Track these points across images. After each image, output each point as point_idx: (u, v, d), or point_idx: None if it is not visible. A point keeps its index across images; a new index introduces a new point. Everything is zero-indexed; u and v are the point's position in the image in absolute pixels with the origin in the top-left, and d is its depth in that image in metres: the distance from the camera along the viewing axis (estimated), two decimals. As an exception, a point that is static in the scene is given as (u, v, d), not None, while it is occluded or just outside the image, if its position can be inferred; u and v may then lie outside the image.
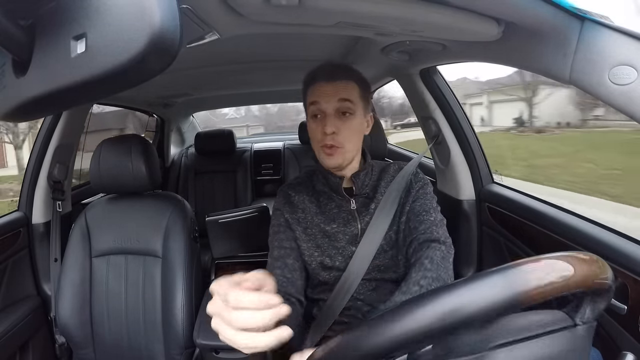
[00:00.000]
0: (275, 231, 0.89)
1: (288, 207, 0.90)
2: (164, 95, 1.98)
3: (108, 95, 0.33)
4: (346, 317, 0.86)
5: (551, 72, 0.64)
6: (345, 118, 0.81)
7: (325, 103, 0.81)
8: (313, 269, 0.87)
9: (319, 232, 0.87)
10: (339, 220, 0.87)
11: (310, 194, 0.90)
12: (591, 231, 0.86)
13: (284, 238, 0.88)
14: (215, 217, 1.42)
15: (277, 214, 0.91)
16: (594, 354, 0.71)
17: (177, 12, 0.26)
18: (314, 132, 0.84)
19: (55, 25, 0.29)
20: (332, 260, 0.85)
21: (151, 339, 1.10)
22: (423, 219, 0.84)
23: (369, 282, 0.86)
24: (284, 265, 0.85)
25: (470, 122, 1.29)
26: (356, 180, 0.87)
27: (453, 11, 0.62)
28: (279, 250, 0.87)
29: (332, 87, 0.81)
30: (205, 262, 1.65)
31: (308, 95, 0.85)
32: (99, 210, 1.18)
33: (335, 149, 0.81)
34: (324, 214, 0.87)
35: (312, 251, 0.86)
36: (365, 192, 0.89)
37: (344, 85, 0.82)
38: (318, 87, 0.83)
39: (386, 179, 0.90)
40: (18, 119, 0.39)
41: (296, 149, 2.45)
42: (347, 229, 0.86)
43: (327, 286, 0.87)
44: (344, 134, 0.81)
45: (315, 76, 0.84)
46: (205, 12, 0.60)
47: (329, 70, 0.83)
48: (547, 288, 0.37)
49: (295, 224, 0.88)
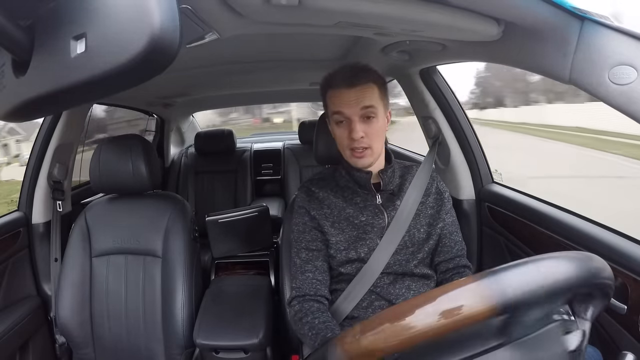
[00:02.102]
0: (301, 230, 0.91)
1: (313, 203, 0.91)
2: (164, 95, 1.98)
3: (108, 95, 0.33)
4: (357, 310, 0.88)
5: (551, 72, 0.64)
6: (369, 121, 0.84)
7: (348, 111, 0.83)
8: (338, 262, 0.89)
9: (347, 225, 0.89)
10: (367, 213, 0.89)
11: (335, 190, 0.92)
12: (591, 231, 0.86)
13: (310, 239, 0.90)
14: (215, 217, 1.42)
15: (301, 212, 0.92)
16: (594, 354, 0.71)
17: (177, 12, 0.26)
18: (340, 137, 0.86)
19: (55, 25, 0.29)
20: (358, 253, 0.87)
21: (151, 339, 1.10)
22: (457, 239, 0.94)
23: (387, 276, 0.88)
24: (314, 268, 0.89)
25: (470, 122, 1.29)
26: (384, 176, 0.90)
27: (453, 11, 0.62)
28: (307, 252, 0.90)
29: (354, 93, 0.82)
30: (205, 262, 1.65)
31: (329, 101, 0.87)
32: (99, 210, 1.18)
33: (365, 150, 0.84)
34: (352, 207, 0.89)
35: (339, 245, 0.88)
36: (390, 189, 0.92)
37: (365, 89, 0.83)
38: (339, 93, 0.84)
39: (409, 179, 0.94)
40: (18, 119, 0.38)
41: (296, 148, 2.45)
42: (376, 222, 0.89)
43: (347, 277, 0.89)
44: (371, 136, 0.84)
45: (334, 81, 0.85)
46: (205, 12, 0.60)
47: (349, 75, 0.84)
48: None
49: (323, 219, 0.89)
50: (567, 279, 0.39)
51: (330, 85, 0.86)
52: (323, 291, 0.88)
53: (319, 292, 0.87)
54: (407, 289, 0.88)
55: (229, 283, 1.31)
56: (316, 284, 0.87)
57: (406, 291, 0.88)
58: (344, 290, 0.88)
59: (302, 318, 0.84)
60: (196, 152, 2.42)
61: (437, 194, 0.95)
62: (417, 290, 0.89)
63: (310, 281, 0.87)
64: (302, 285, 0.88)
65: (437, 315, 0.37)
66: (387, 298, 0.87)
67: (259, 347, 1.01)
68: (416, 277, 0.90)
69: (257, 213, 1.45)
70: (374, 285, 0.87)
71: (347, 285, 0.88)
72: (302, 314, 0.84)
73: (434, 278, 0.93)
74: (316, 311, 0.84)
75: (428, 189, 0.93)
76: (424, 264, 0.91)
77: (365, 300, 0.87)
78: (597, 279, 0.41)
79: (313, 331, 0.80)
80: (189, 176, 2.38)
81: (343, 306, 0.87)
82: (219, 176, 2.36)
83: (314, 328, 0.80)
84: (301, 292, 0.87)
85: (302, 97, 2.87)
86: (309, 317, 0.83)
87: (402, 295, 0.87)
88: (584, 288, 0.41)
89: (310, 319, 0.82)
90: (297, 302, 0.87)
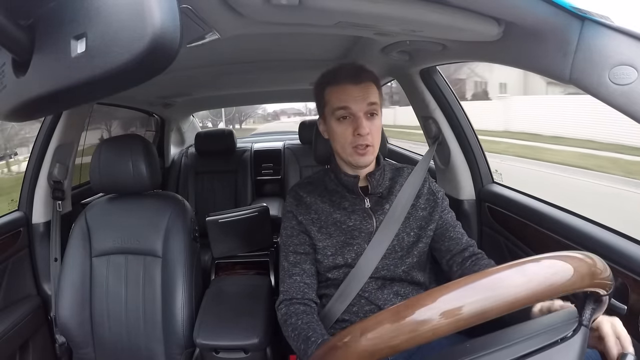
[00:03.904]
0: (289, 234, 0.91)
1: (301, 208, 0.91)
2: (164, 95, 1.98)
3: (108, 95, 0.32)
4: (347, 314, 0.87)
5: (551, 72, 0.64)
6: (372, 119, 0.84)
7: (355, 106, 0.82)
8: (325, 267, 0.88)
9: (335, 230, 0.88)
10: (355, 217, 0.88)
11: (323, 194, 0.91)
12: (591, 231, 0.86)
13: (297, 243, 0.89)
14: (215, 217, 1.41)
15: (289, 216, 0.92)
16: (593, 355, 0.71)
17: (177, 12, 0.26)
18: (342, 134, 0.85)
19: (55, 25, 0.29)
20: (345, 258, 0.87)
21: (151, 339, 1.10)
22: (462, 231, 0.93)
23: (375, 281, 0.87)
24: (302, 272, 0.88)
25: (470, 122, 1.29)
26: (371, 180, 0.89)
27: (453, 11, 0.62)
28: (294, 255, 0.89)
29: (360, 89, 0.83)
30: (205, 262, 1.65)
31: (330, 97, 0.85)
32: (99, 210, 1.18)
33: (367, 148, 0.84)
34: (340, 211, 0.89)
35: (326, 250, 0.87)
36: (379, 192, 0.91)
37: (369, 87, 0.84)
38: (344, 89, 0.83)
39: (400, 181, 0.93)
40: (18, 119, 0.38)
41: (296, 148, 2.45)
42: (364, 226, 0.88)
43: (335, 282, 0.89)
44: (373, 134, 0.84)
45: (338, 77, 0.84)
46: (205, 12, 0.60)
47: (354, 71, 0.84)
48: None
49: (310, 224, 0.89)
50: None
51: (332, 81, 0.85)
52: (310, 295, 0.87)
53: (306, 296, 0.87)
54: (395, 295, 0.87)
55: (229, 283, 1.31)
56: (303, 287, 0.87)
57: (394, 297, 0.87)
58: (332, 295, 0.88)
59: (286, 320, 0.84)
60: (196, 152, 2.41)
61: (429, 194, 0.94)
62: (406, 296, 0.87)
63: (298, 285, 0.87)
64: (289, 289, 0.88)
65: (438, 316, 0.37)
66: (376, 303, 0.86)
67: (259, 347, 1.01)
68: (406, 283, 0.89)
69: (257, 213, 1.45)
70: (363, 290, 0.86)
71: (335, 289, 0.88)
72: (287, 317, 0.84)
73: (425, 285, 0.91)
74: (301, 313, 0.84)
75: (420, 191, 0.92)
76: (415, 269, 0.89)
77: (356, 305, 0.87)
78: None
79: (296, 332, 0.80)
80: (189, 176, 2.38)
81: (335, 307, 0.87)
82: (219, 176, 2.36)
83: (296, 329, 0.81)
84: (288, 295, 0.87)
85: (302, 97, 2.87)
86: (293, 318, 0.83)
87: (390, 300, 0.86)
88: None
89: (294, 320, 0.83)
90: (284, 305, 0.87)
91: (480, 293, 0.37)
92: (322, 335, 0.78)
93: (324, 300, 0.90)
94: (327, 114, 0.87)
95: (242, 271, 1.47)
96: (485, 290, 0.38)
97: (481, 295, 0.37)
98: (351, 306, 0.86)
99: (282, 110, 21.88)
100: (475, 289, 0.38)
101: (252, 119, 21.65)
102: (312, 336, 0.77)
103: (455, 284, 0.39)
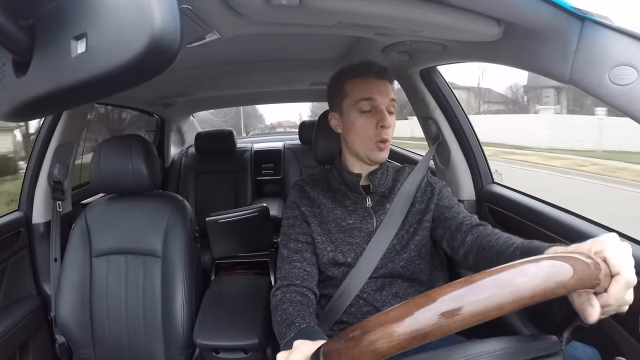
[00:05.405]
0: (291, 224, 0.90)
1: (304, 200, 0.91)
2: (164, 95, 1.98)
3: (108, 95, 0.33)
4: (345, 315, 0.87)
5: (551, 73, 0.64)
6: (391, 116, 0.85)
7: (381, 99, 0.83)
8: (324, 263, 0.87)
9: (334, 227, 0.87)
10: (355, 216, 0.88)
11: (326, 191, 0.91)
12: (592, 231, 0.86)
13: (299, 232, 0.88)
14: (215, 217, 1.41)
15: (293, 207, 0.92)
16: (592, 355, 0.71)
17: (177, 12, 0.26)
18: (365, 127, 0.84)
19: (55, 25, 0.29)
20: (345, 257, 0.86)
21: (151, 339, 1.10)
22: (460, 209, 0.88)
23: (374, 281, 0.86)
24: (302, 259, 0.85)
25: (471, 122, 1.29)
26: (373, 179, 0.89)
27: (453, 11, 0.62)
28: (295, 243, 0.87)
29: (383, 84, 0.85)
30: (205, 262, 1.65)
31: (352, 89, 0.86)
32: (99, 210, 1.18)
33: (386, 143, 0.85)
34: (341, 209, 0.89)
35: (325, 245, 0.87)
36: (381, 191, 0.91)
37: (388, 83, 0.86)
38: (369, 82, 0.84)
39: (401, 180, 0.93)
40: (18, 119, 0.38)
41: (296, 149, 2.45)
42: (364, 226, 0.88)
43: (334, 282, 0.88)
44: (390, 131, 0.85)
45: (360, 70, 0.86)
46: (205, 12, 0.60)
47: (378, 67, 0.85)
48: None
49: (312, 216, 0.89)
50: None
51: (354, 74, 0.86)
52: (310, 283, 0.81)
53: (306, 284, 0.80)
54: (394, 296, 0.86)
55: (229, 283, 1.31)
56: (304, 274, 0.82)
57: (392, 298, 0.86)
58: (332, 295, 0.87)
59: (278, 306, 0.76)
60: (196, 152, 2.41)
61: (427, 186, 0.93)
62: (405, 298, 0.85)
63: (298, 270, 0.82)
64: (287, 274, 0.82)
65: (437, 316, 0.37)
66: (374, 305, 0.85)
67: (259, 347, 1.01)
68: (406, 283, 0.87)
69: (257, 213, 1.45)
70: (361, 291, 0.85)
71: (335, 290, 0.86)
72: (280, 303, 0.76)
73: (428, 285, 0.88)
74: (297, 303, 0.75)
75: (418, 185, 0.92)
76: (414, 264, 0.87)
77: (354, 306, 0.86)
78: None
79: (283, 316, 0.72)
80: (189, 176, 2.38)
81: (335, 307, 0.85)
82: (219, 176, 2.35)
83: (285, 314, 0.73)
84: (286, 281, 0.80)
85: (302, 97, 2.87)
86: (286, 304, 0.75)
87: (389, 302, 0.85)
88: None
89: (286, 306, 0.74)
90: (280, 292, 0.79)
91: (480, 293, 0.37)
92: (309, 323, 0.70)
93: (322, 301, 0.89)
94: (347, 107, 0.86)
95: (242, 271, 1.47)
96: (489, 289, 0.37)
97: (483, 294, 0.37)
98: (349, 307, 0.86)
99: (278, 123, 23.72)
100: (475, 289, 0.38)
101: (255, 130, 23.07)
102: (297, 321, 0.70)
103: (456, 284, 0.39)
